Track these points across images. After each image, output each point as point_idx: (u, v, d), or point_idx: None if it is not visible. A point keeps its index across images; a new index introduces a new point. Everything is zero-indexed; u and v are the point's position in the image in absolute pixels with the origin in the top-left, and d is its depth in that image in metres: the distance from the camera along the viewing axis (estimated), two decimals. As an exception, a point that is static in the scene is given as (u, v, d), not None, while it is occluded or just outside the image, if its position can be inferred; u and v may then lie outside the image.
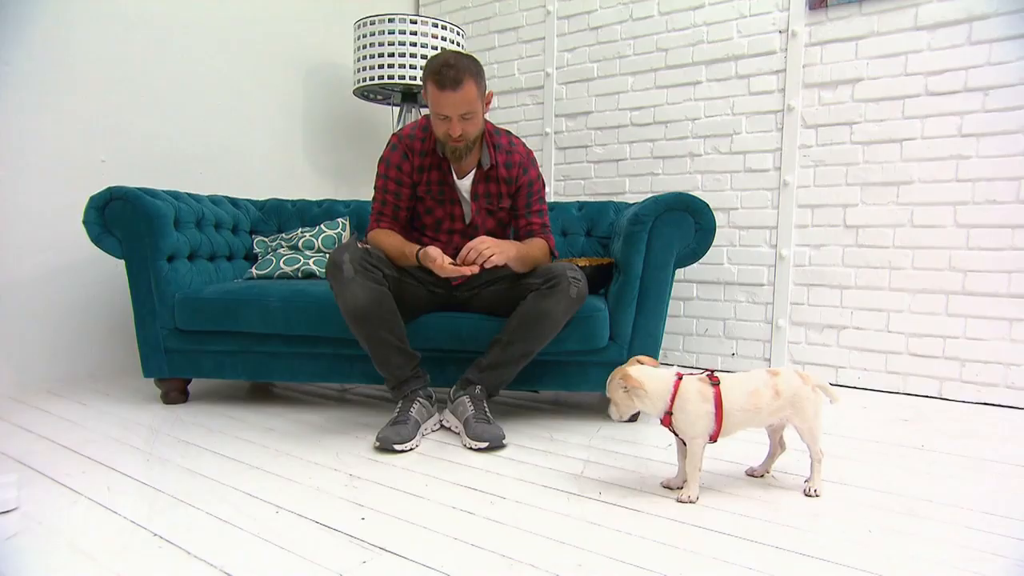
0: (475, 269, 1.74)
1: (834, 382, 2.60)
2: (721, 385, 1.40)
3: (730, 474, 1.57)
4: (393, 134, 1.98)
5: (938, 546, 1.20)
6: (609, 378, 1.42)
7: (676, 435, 1.43)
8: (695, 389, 1.39)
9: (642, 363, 1.44)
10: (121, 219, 2.08)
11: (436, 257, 1.74)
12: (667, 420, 1.40)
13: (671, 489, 1.46)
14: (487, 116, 1.95)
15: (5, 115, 2.28)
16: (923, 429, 1.99)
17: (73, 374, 2.51)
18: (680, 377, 1.41)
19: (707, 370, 1.45)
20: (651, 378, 1.40)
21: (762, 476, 1.55)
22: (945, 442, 1.85)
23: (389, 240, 1.91)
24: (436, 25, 2.84)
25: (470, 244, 1.77)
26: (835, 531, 1.26)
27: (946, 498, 1.43)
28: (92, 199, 2.08)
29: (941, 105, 2.34)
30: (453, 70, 1.72)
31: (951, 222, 2.35)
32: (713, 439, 1.40)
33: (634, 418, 1.92)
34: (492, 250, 1.76)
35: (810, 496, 1.43)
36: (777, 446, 1.54)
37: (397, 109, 3.13)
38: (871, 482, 1.53)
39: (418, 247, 1.84)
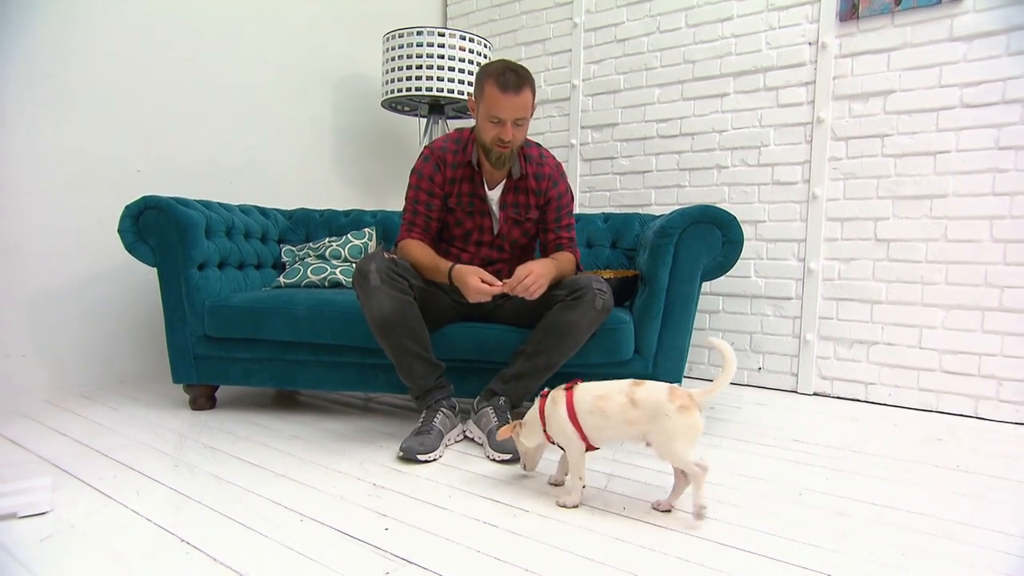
0: (503, 288, 1.78)
1: (864, 398, 2.54)
2: (574, 389, 1.44)
3: (756, 492, 1.54)
4: (425, 146, 2.00)
5: (974, 571, 1.16)
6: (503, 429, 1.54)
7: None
8: (550, 398, 1.46)
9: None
10: (154, 228, 2.13)
11: (472, 283, 1.77)
12: (548, 437, 1.47)
13: (555, 485, 1.53)
14: None
15: (48, 126, 2.36)
16: (958, 449, 1.94)
17: (105, 379, 2.56)
18: (544, 395, 1.48)
19: (576, 379, 1.49)
20: (530, 418, 1.50)
21: (668, 511, 1.40)
22: (981, 463, 1.80)
23: (421, 252, 1.92)
24: (464, 38, 2.87)
25: (517, 277, 1.77)
26: (866, 553, 1.23)
27: (983, 521, 1.39)
28: (127, 208, 2.14)
29: (977, 117, 2.29)
30: (515, 75, 1.78)
31: (987, 236, 2.29)
32: (588, 446, 1.43)
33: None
34: (536, 286, 1.78)
35: (699, 517, 1.31)
36: (680, 477, 1.40)
37: (424, 120, 3.16)
38: (904, 503, 1.48)
39: (451, 264, 1.85)
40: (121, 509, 1.37)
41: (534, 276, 1.77)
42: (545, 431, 1.48)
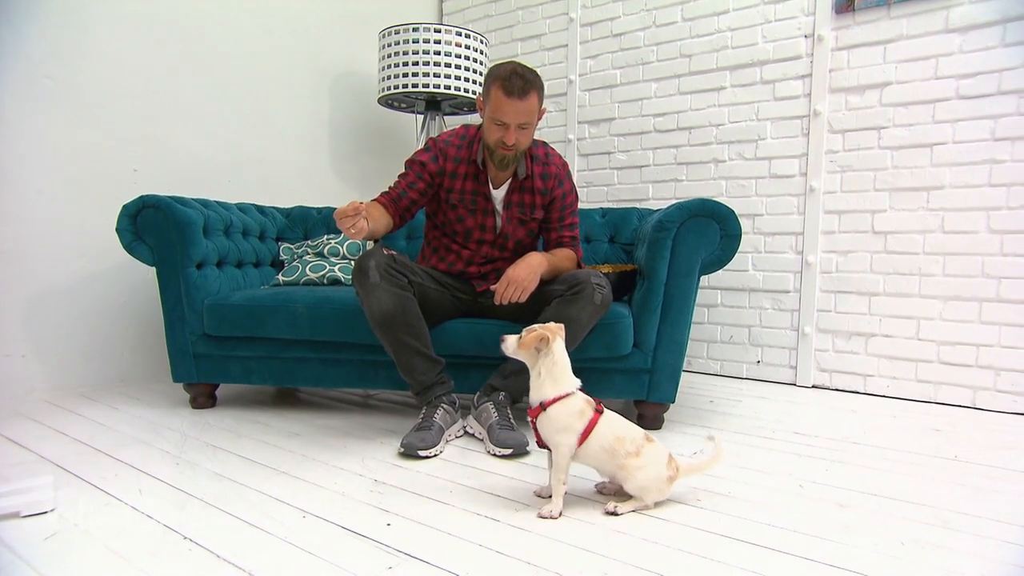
0: (362, 227, 1.65)
1: (862, 390, 2.55)
2: (602, 416, 1.38)
3: (758, 484, 1.55)
4: (430, 138, 2.00)
5: (973, 560, 1.17)
6: (535, 328, 1.40)
7: (539, 438, 1.40)
8: (578, 408, 1.37)
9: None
10: (153, 227, 2.12)
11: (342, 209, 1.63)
12: (535, 411, 1.38)
13: (542, 497, 1.43)
14: None
15: (47, 127, 2.35)
16: (956, 439, 1.95)
17: (105, 378, 2.56)
18: (578, 390, 1.40)
19: (597, 400, 1.41)
20: (561, 366, 1.39)
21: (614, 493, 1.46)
22: (979, 453, 1.81)
23: (370, 205, 1.85)
24: (460, 34, 2.86)
25: (498, 292, 1.81)
26: (867, 543, 1.23)
27: (981, 511, 1.40)
28: (125, 207, 2.13)
29: (974, 109, 2.30)
30: (521, 80, 1.77)
31: (984, 228, 2.30)
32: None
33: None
34: (519, 291, 1.81)
35: (610, 513, 1.36)
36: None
37: (421, 117, 3.16)
38: (903, 493, 1.49)
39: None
40: (124, 507, 1.37)
41: (513, 285, 1.80)
42: (540, 407, 1.38)
